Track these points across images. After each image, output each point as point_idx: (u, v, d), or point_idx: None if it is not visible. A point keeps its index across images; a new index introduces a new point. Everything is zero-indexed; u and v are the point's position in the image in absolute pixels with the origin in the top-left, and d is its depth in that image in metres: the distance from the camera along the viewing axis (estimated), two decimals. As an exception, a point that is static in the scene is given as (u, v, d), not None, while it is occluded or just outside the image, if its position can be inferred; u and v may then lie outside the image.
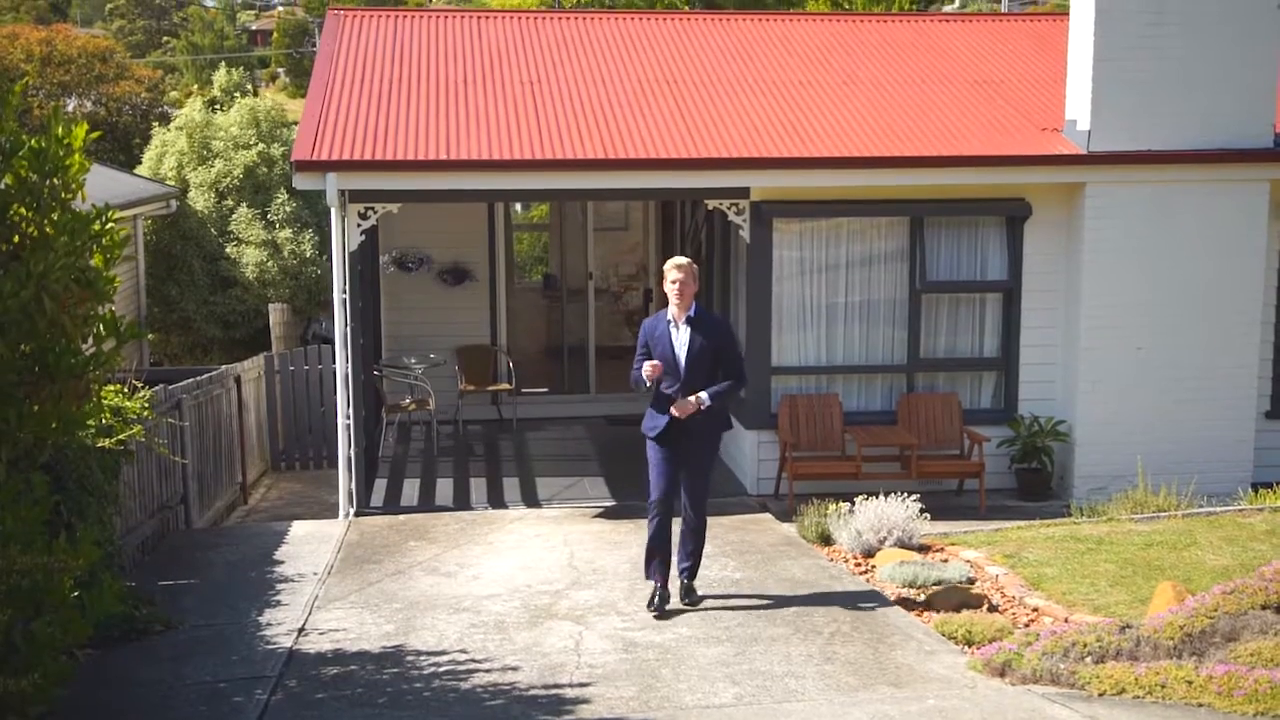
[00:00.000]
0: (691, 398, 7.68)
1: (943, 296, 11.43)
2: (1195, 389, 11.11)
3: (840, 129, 11.33)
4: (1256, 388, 11.26)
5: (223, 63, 27.76)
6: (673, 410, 7.69)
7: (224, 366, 13.79)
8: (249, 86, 22.25)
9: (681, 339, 7.77)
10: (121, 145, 26.02)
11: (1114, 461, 11.01)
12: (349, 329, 10.57)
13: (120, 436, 7.82)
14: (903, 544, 9.01)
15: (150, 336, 18.25)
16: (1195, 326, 11.09)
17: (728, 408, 8.12)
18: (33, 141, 5.19)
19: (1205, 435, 11.08)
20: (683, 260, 7.88)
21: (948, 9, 51.48)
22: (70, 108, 26.57)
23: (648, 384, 7.74)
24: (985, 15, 18.69)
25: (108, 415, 7.96)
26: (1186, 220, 11.02)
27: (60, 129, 5.33)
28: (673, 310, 7.86)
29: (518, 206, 19.95)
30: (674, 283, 7.78)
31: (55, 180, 5.28)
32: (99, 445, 7.72)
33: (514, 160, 10.56)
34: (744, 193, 10.93)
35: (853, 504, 9.38)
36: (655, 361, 7.73)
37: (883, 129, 11.36)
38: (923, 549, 9.06)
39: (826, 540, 9.37)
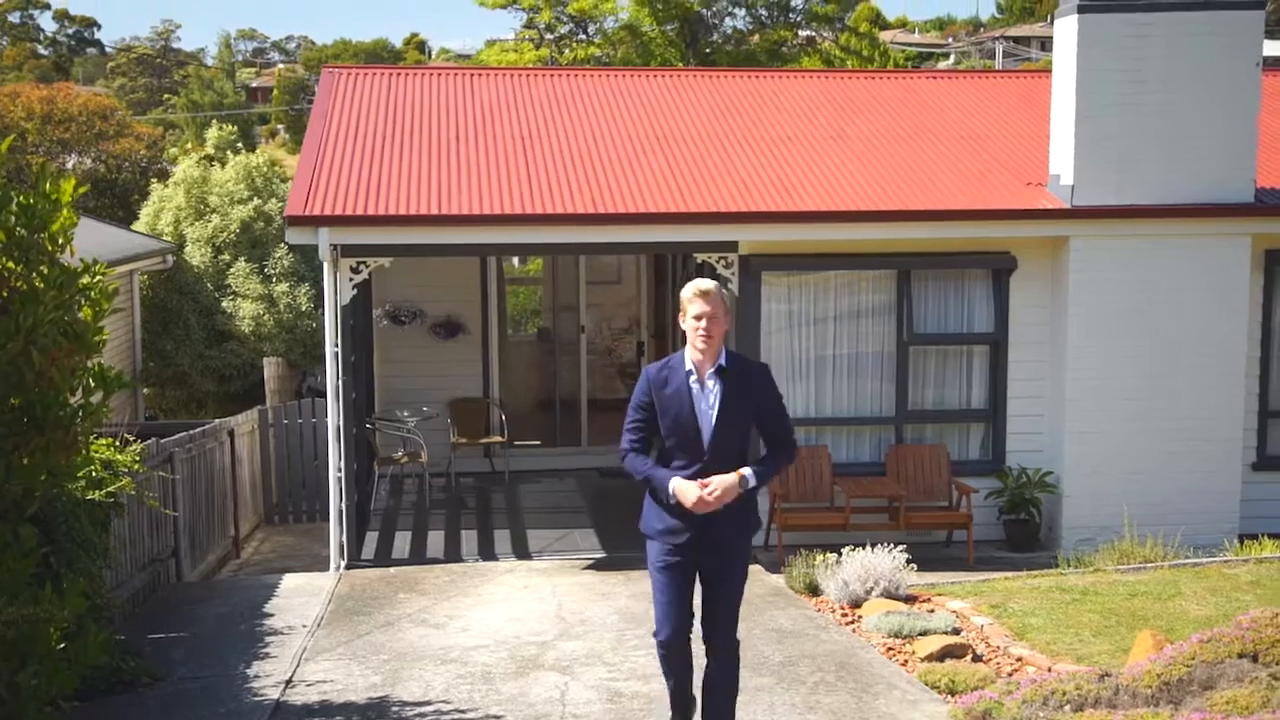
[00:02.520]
0: (721, 479, 5.52)
1: (930, 349, 11.53)
2: (1181, 441, 11.18)
3: (828, 183, 11.48)
4: (1242, 440, 11.33)
5: (214, 120, 28.09)
6: (700, 495, 5.49)
7: (218, 420, 13.86)
8: (239, 144, 22.55)
9: (709, 401, 5.64)
10: (121, 201, 26.28)
11: (1102, 513, 11.06)
12: (341, 382, 10.66)
13: (110, 489, 7.87)
14: (889, 594, 9.04)
15: (145, 390, 18.35)
16: (1181, 379, 11.18)
17: (756, 496, 5.92)
18: (21, 197, 5.30)
19: (1192, 487, 11.14)
20: (709, 284, 5.66)
21: (942, 65, 52.12)
22: (70, 164, 26.86)
23: (671, 498, 5.59)
24: (972, 72, 18.96)
25: (98, 468, 8.01)
26: (1170, 274, 11.15)
27: (49, 185, 5.44)
28: (693, 357, 5.67)
29: (515, 260, 20.11)
30: (699, 317, 5.60)
31: (44, 235, 5.38)
32: (89, 498, 7.77)
33: (505, 215, 10.70)
34: (733, 246, 11.06)
35: (839, 555, 9.42)
36: (703, 482, 5.50)
37: (870, 183, 11.51)
38: (909, 599, 9.08)
39: (814, 591, 9.40)
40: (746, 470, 5.59)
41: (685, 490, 5.56)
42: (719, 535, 5.68)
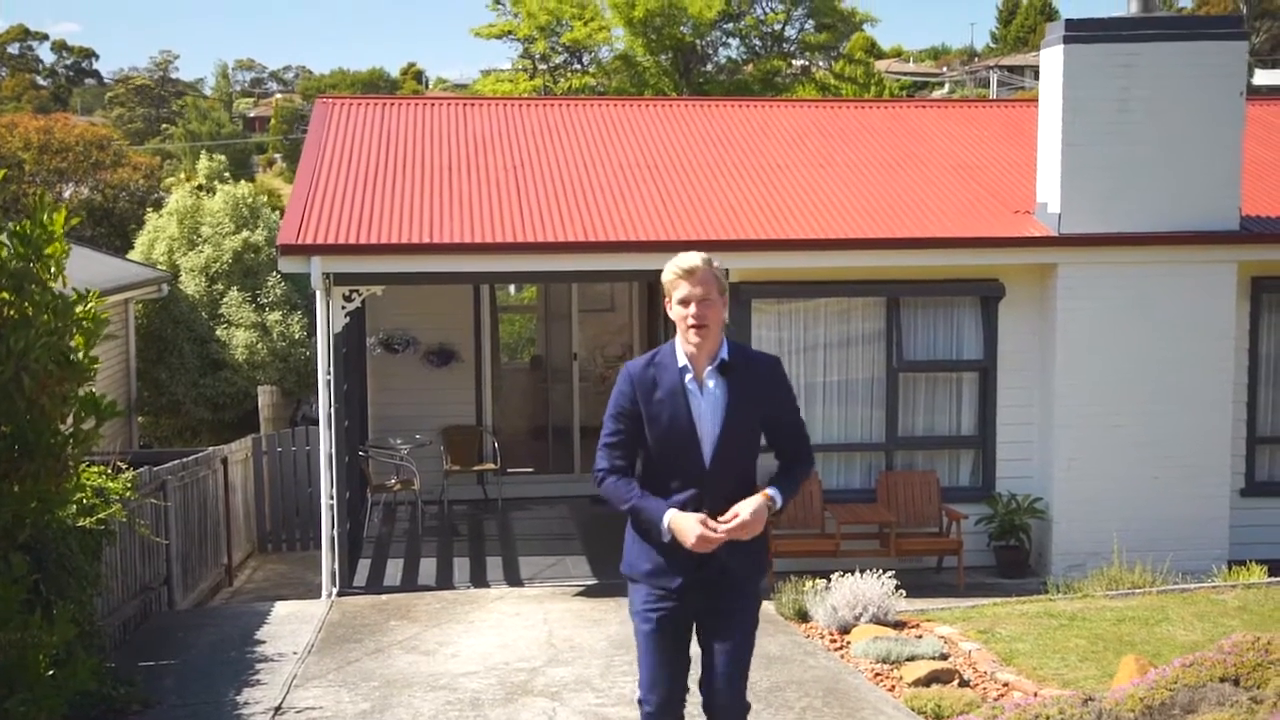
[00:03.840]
0: (748, 507, 4.50)
1: (920, 375, 11.59)
2: (1170, 467, 11.24)
3: (818, 211, 11.58)
4: (1230, 465, 11.39)
5: (203, 150, 28.28)
6: (704, 534, 4.44)
7: (211, 448, 13.90)
8: (227, 174, 22.73)
9: (710, 405, 4.63)
10: (117, 230, 26.40)
11: (1091, 538, 11.10)
12: (333, 410, 10.71)
13: (100, 515, 7.90)
14: (878, 620, 9.07)
15: (140, 419, 18.39)
16: (1168, 405, 11.25)
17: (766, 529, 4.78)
18: (15, 226, 5.38)
19: (1180, 513, 11.19)
20: (694, 259, 4.64)
21: (937, 94, 52.43)
22: (67, 194, 27.00)
23: (665, 535, 4.56)
24: (961, 101, 19.11)
25: (89, 495, 8.05)
26: (1157, 300, 11.23)
27: (44, 214, 5.52)
28: (685, 351, 4.65)
29: (511, 288, 20.22)
30: (685, 302, 4.59)
31: (37, 264, 5.45)
32: (80, 525, 7.80)
33: (497, 243, 10.78)
34: (723, 274, 11.11)
35: (828, 581, 9.45)
36: (704, 519, 4.46)
37: (860, 211, 11.61)
38: (898, 625, 9.11)
39: (803, 617, 9.42)
40: (773, 491, 4.59)
41: (685, 528, 4.46)
42: (724, 576, 4.63)
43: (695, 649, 4.88)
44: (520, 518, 13.61)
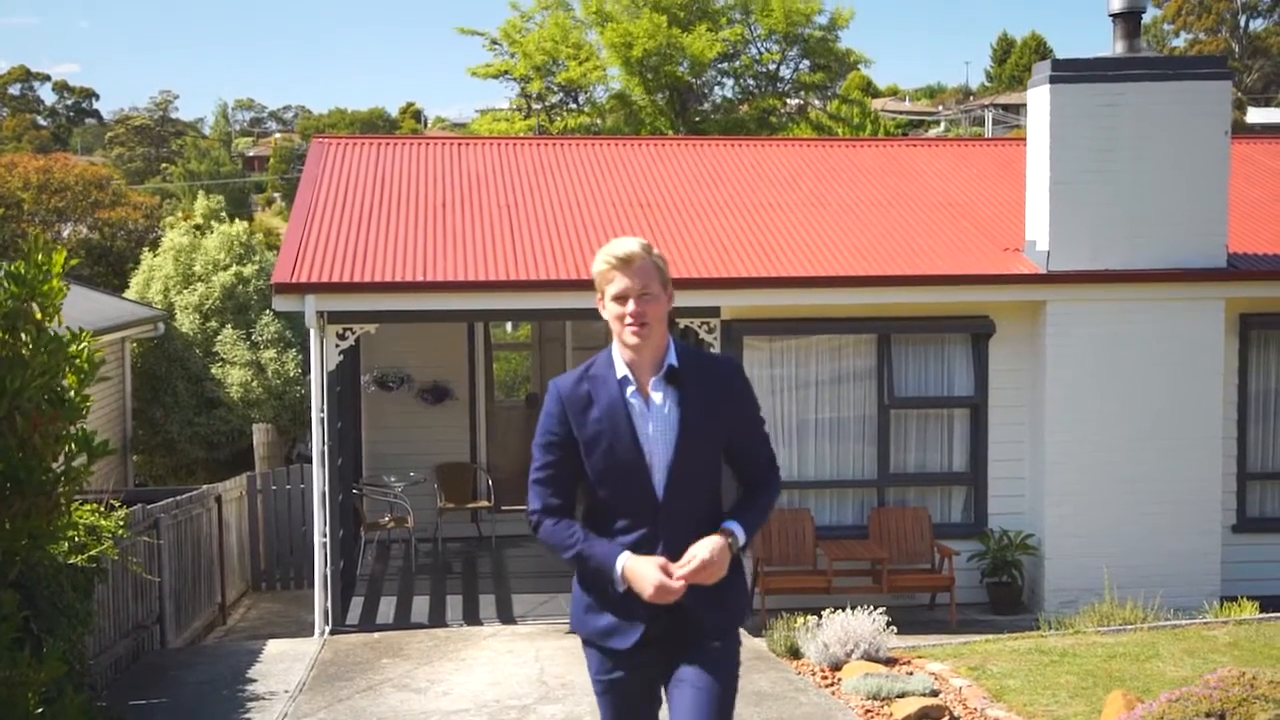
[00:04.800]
0: (704, 549, 3.76)
1: (911, 412, 11.65)
2: (1161, 503, 11.27)
3: (810, 249, 11.66)
4: (1221, 501, 11.42)
5: (201, 189, 28.47)
6: (663, 582, 3.72)
7: (205, 486, 13.92)
8: (224, 214, 22.91)
9: (657, 422, 3.85)
10: (115, 269, 26.49)
11: (1083, 575, 11.12)
12: (327, 448, 10.75)
13: (92, 553, 7.93)
14: (870, 657, 9.08)
15: (135, 457, 18.41)
16: (1158, 441, 11.29)
17: (742, 563, 4.09)
18: (10, 266, 5.44)
19: (1172, 549, 11.22)
20: (630, 245, 3.83)
21: (932, 133, 52.77)
22: (66, 233, 27.13)
23: (619, 585, 3.84)
24: (951, 140, 19.27)
25: (81, 533, 8.08)
26: (1146, 337, 11.30)
27: (40, 255, 5.59)
28: (624, 358, 3.89)
29: (509, 326, 20.28)
30: (621, 298, 3.81)
31: (33, 303, 5.51)
32: (71, 562, 7.82)
33: (489, 281, 10.86)
34: (715, 311, 11.21)
35: (819, 617, 9.46)
36: (662, 564, 3.74)
37: (851, 249, 11.70)
38: (890, 661, 9.12)
39: (795, 653, 9.43)
40: (734, 525, 3.84)
41: (642, 575, 3.75)
42: (693, 628, 3.92)
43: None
44: (514, 555, 13.61)
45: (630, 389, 3.89)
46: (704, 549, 3.78)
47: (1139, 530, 11.23)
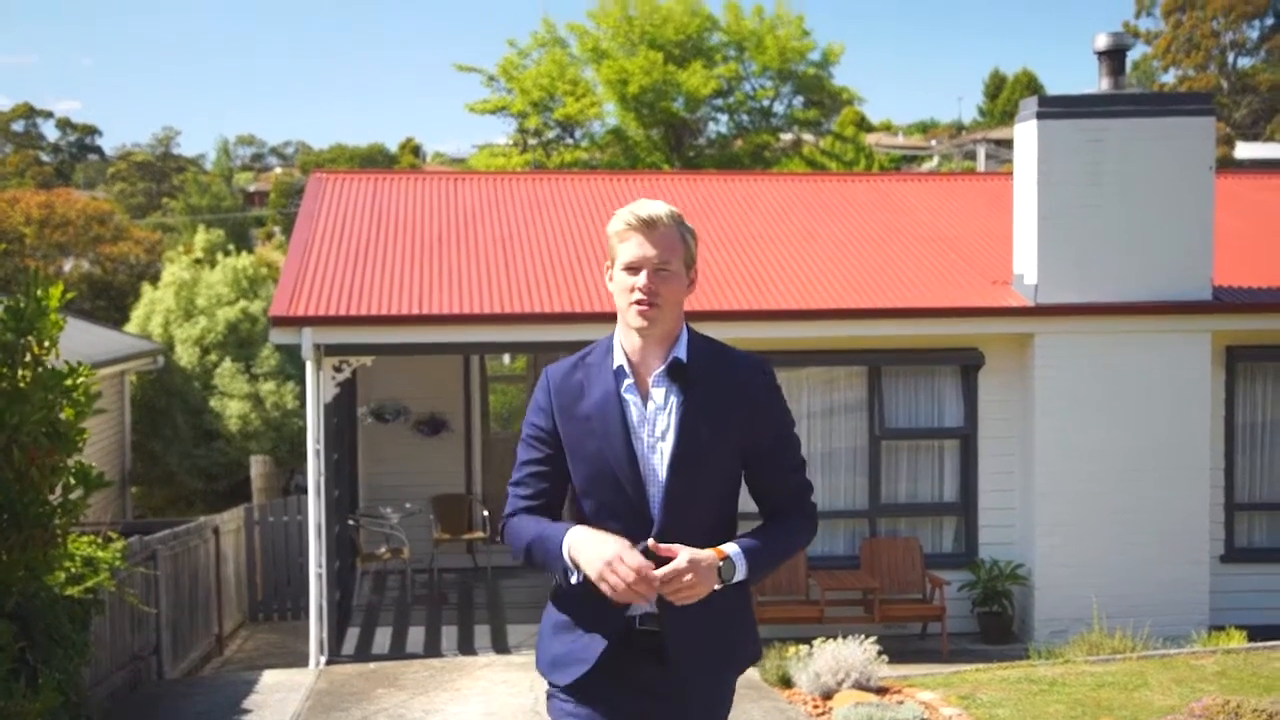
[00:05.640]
0: (688, 552, 3.04)
1: (902, 443, 11.75)
2: (1150, 533, 11.36)
3: (801, 282, 11.80)
4: (1209, 532, 11.51)
5: (201, 224, 28.68)
6: (619, 562, 2.97)
7: (203, 518, 14.01)
8: (230, 247, 23.11)
9: (658, 426, 3.22)
10: (116, 304, 26.67)
11: (1074, 604, 11.20)
12: (322, 480, 10.85)
13: (89, 584, 8.01)
14: (861, 686, 9.14)
15: (133, 489, 18.49)
16: (1147, 472, 11.39)
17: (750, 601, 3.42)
18: (8, 301, 5.57)
19: (1161, 578, 11.29)
20: (656, 209, 3.25)
21: (925, 167, 53.11)
22: (67, 267, 27.32)
23: (571, 571, 3.14)
24: (941, 174, 19.46)
25: (78, 564, 8.17)
26: (1133, 369, 11.42)
27: (39, 289, 5.72)
28: (624, 345, 3.28)
29: (504, 358, 20.40)
30: (634, 268, 3.19)
31: (31, 337, 5.64)
32: (68, 594, 7.91)
33: (485, 314, 10.99)
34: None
35: (811, 646, 9.53)
36: (639, 567, 2.96)
37: (842, 282, 11.84)
38: (881, 690, 9.18)
39: (787, 683, 9.49)
40: (732, 549, 3.11)
41: (590, 547, 3.02)
42: (682, 674, 3.16)
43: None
44: (510, 586, 13.68)
45: (626, 382, 3.24)
46: (684, 557, 3.03)
47: (1128, 560, 11.32)
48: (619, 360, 3.27)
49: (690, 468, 3.18)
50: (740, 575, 3.11)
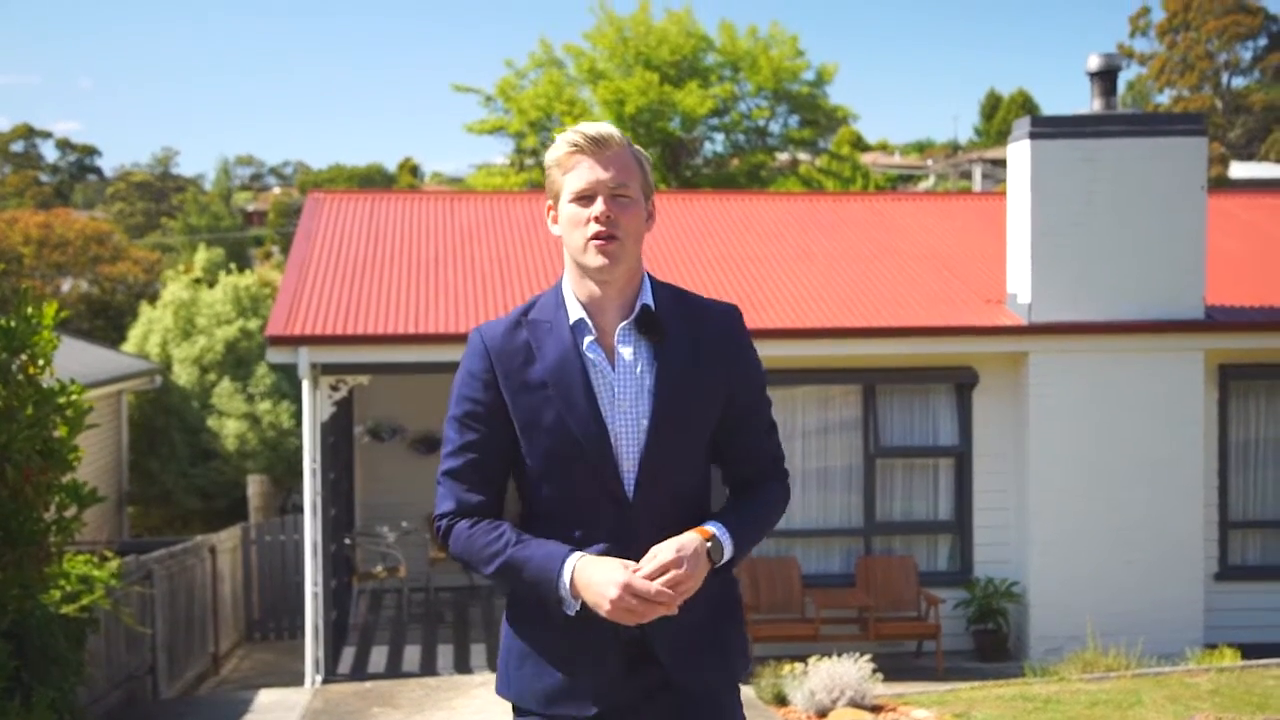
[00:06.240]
0: (660, 549, 2.65)
1: (896, 461, 11.78)
2: (1144, 551, 11.38)
3: (795, 301, 11.85)
4: (1203, 550, 11.53)
5: (201, 243, 28.74)
6: (630, 585, 2.60)
7: (199, 537, 14.02)
8: (230, 266, 23.18)
9: (626, 386, 2.80)
10: (114, 324, 26.69)
11: (1068, 622, 11.21)
12: (318, 499, 10.87)
13: (84, 602, 8.03)
14: (855, 704, 9.14)
15: (130, 509, 18.49)
16: (1141, 490, 11.42)
17: (739, 592, 3.03)
18: (1, 321, 5.61)
19: (1155, 597, 11.31)
20: (603, 129, 2.79)
21: (922, 186, 53.23)
22: (66, 287, 27.36)
23: (571, 602, 2.75)
24: (935, 194, 19.54)
25: (73, 583, 8.18)
26: (1127, 388, 11.46)
27: (31, 308, 5.75)
28: (579, 294, 2.83)
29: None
30: (589, 196, 2.74)
31: (23, 356, 5.67)
32: (63, 613, 7.92)
33: (480, 334, 11.01)
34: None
35: (806, 664, 9.54)
36: (627, 566, 2.64)
37: (836, 301, 11.88)
38: (875, 709, 9.19)
39: (782, 701, 9.49)
40: (715, 527, 2.75)
41: (600, 579, 2.64)
42: (678, 684, 2.79)
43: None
44: (505, 604, 13.66)
45: (589, 339, 2.78)
46: (668, 549, 2.64)
47: (1123, 578, 11.33)
48: (576, 313, 2.79)
49: (672, 434, 2.76)
50: (728, 555, 2.75)
